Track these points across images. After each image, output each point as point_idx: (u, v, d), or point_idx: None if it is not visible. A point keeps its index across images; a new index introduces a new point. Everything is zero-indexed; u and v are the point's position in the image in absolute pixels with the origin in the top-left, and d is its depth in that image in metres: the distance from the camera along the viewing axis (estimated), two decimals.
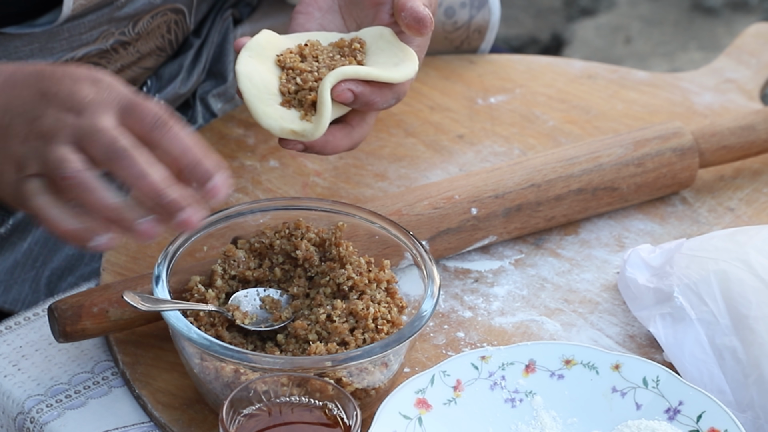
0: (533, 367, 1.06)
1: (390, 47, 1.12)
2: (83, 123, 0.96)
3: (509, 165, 1.23)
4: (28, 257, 1.26)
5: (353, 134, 1.12)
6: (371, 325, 1.05)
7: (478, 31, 1.42)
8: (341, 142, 1.12)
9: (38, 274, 1.26)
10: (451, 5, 1.41)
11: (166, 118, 0.97)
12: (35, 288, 1.25)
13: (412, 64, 1.11)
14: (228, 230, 1.11)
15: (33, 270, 1.26)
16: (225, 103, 1.36)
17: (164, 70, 1.30)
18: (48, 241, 1.27)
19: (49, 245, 1.27)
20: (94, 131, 0.96)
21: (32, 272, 1.26)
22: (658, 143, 1.26)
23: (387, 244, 1.12)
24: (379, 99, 1.10)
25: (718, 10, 3.02)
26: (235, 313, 1.05)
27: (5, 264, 1.25)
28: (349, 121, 1.12)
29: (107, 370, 1.11)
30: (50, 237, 1.27)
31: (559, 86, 1.41)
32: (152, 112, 0.96)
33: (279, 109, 1.09)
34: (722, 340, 1.07)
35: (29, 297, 1.25)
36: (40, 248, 1.26)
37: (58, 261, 1.26)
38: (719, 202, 1.28)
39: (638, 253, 1.16)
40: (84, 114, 0.96)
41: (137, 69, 1.26)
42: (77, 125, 0.96)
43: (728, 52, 1.47)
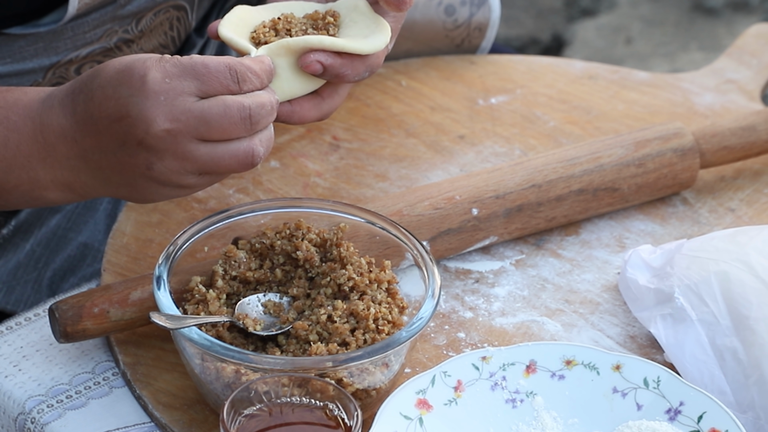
0: (534, 368, 1.06)
1: (363, 19, 1.11)
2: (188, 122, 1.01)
3: (510, 165, 1.23)
4: (30, 258, 1.26)
5: (322, 106, 1.12)
6: (372, 326, 1.05)
7: (478, 29, 1.42)
8: (309, 113, 1.11)
9: (40, 275, 1.26)
10: (452, 3, 1.41)
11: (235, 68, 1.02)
12: (37, 289, 1.25)
13: (382, 36, 1.10)
14: (229, 231, 1.11)
15: (35, 271, 1.26)
16: None
17: None
18: (50, 243, 1.27)
19: (51, 246, 1.27)
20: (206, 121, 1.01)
21: (34, 273, 1.26)
22: (658, 144, 1.26)
23: (388, 245, 1.12)
24: (350, 71, 1.09)
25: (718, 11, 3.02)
26: (245, 322, 1.05)
27: (8, 265, 1.26)
28: (320, 92, 1.11)
29: (108, 370, 1.11)
30: (52, 238, 1.27)
31: (560, 87, 1.41)
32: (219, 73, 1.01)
33: None
34: (723, 341, 1.07)
35: (31, 298, 1.25)
36: (42, 249, 1.26)
37: (60, 262, 1.26)
38: (720, 203, 1.28)
39: (639, 254, 1.16)
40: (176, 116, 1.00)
41: None
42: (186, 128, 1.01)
43: (729, 52, 1.47)
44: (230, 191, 1.26)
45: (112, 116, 1.01)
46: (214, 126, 1.01)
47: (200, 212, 1.23)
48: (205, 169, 1.03)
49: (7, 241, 1.26)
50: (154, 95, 1.00)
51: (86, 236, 1.27)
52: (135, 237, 1.20)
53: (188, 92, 1.01)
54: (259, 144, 1.03)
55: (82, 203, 1.28)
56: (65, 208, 1.27)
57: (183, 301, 1.07)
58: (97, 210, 1.28)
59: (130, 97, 1.00)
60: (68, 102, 1.04)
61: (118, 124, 1.01)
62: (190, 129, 1.01)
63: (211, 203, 1.24)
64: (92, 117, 1.02)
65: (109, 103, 1.01)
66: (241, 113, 1.02)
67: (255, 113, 1.02)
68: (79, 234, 1.27)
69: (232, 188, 1.26)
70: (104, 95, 1.01)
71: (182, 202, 1.24)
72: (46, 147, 1.05)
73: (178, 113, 1.00)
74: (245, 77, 1.02)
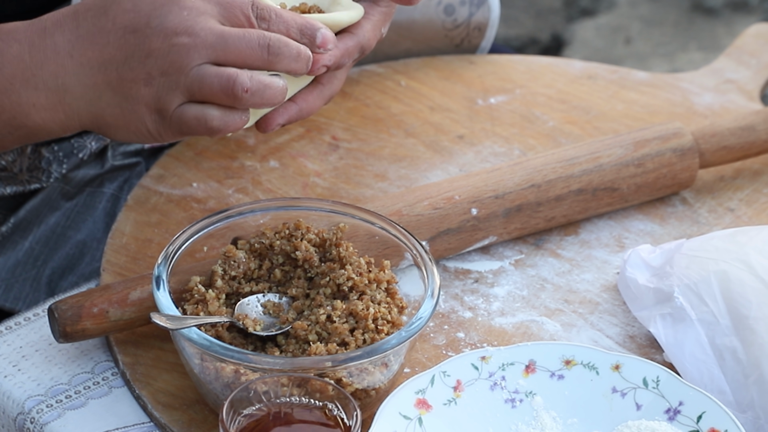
0: (533, 368, 1.06)
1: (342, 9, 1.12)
2: (207, 38, 1.00)
3: (509, 165, 1.23)
4: (30, 256, 1.26)
5: (324, 92, 1.12)
6: (371, 326, 1.05)
7: (478, 28, 1.42)
8: (315, 103, 1.12)
9: (39, 273, 1.26)
10: (451, 3, 1.41)
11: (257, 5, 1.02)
12: (36, 287, 1.25)
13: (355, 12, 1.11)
14: (228, 230, 1.11)
15: (34, 269, 1.26)
16: None
17: None
18: (49, 241, 1.27)
19: (50, 244, 1.27)
20: (224, 39, 1.00)
21: (33, 271, 1.26)
22: (658, 144, 1.26)
23: (387, 245, 1.12)
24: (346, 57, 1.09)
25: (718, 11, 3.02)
26: (245, 322, 1.05)
27: (6, 263, 1.26)
28: (320, 79, 1.12)
29: (107, 370, 1.11)
30: (51, 236, 1.27)
31: (559, 87, 1.41)
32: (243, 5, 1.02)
33: None
34: (722, 341, 1.07)
35: (30, 296, 1.25)
36: (41, 247, 1.26)
37: (59, 260, 1.26)
38: (719, 203, 1.28)
39: (638, 254, 1.16)
40: (196, 30, 1.00)
41: None
42: (203, 43, 1.00)
43: (728, 52, 1.47)
44: (229, 191, 1.26)
45: (128, 27, 1.02)
46: (231, 46, 1.01)
47: (199, 212, 1.23)
48: (191, 86, 1.02)
49: (6, 239, 1.26)
50: (178, 9, 1.01)
51: (85, 234, 1.27)
52: (134, 237, 1.20)
53: (211, 14, 1.01)
54: (249, 78, 1.02)
55: (81, 202, 1.28)
56: (64, 207, 1.27)
57: (182, 301, 1.07)
58: (97, 209, 1.28)
59: (152, 10, 1.01)
60: (69, 21, 1.04)
61: (133, 36, 1.01)
62: (206, 45, 1.01)
63: (211, 203, 1.24)
64: (102, 30, 1.02)
65: (127, 15, 1.02)
66: (260, 40, 1.02)
67: (274, 45, 1.02)
68: (78, 232, 1.27)
69: (231, 188, 1.26)
70: (121, 8, 1.02)
71: (182, 202, 1.25)
72: (32, 67, 1.04)
73: (198, 29, 1.01)
74: (266, 16, 1.03)
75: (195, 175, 1.27)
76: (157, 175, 1.27)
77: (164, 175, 1.27)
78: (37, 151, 1.25)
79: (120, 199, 1.28)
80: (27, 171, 1.25)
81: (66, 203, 1.27)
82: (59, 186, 1.27)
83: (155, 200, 1.24)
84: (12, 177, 1.25)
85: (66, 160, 1.26)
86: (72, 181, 1.27)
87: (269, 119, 1.10)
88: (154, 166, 1.28)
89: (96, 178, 1.28)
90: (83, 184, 1.28)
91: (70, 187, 1.27)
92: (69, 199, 1.27)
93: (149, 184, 1.26)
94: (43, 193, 1.27)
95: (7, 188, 1.25)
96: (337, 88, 1.13)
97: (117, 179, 1.29)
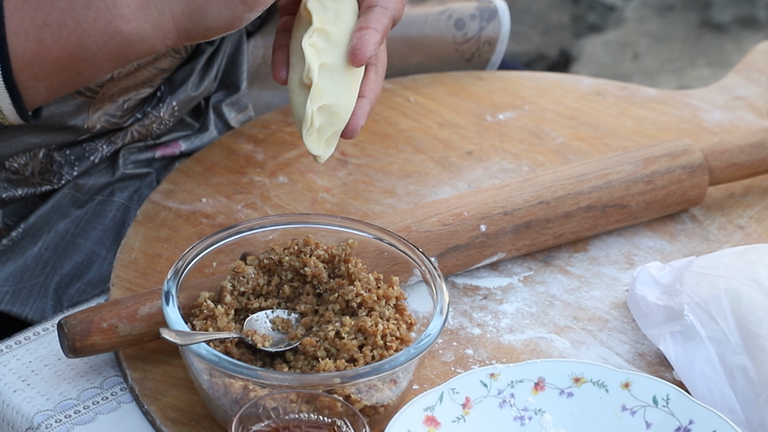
0: (542, 385, 1.06)
1: None
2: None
3: (518, 182, 1.23)
4: (38, 262, 1.26)
5: (379, 71, 1.16)
6: (380, 342, 1.05)
7: (488, 42, 1.43)
8: (378, 85, 1.15)
9: (47, 279, 1.26)
10: (461, 17, 1.42)
11: None
12: (43, 293, 1.26)
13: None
14: (237, 246, 1.11)
15: (42, 275, 1.26)
16: (238, 113, 1.36)
17: (176, 75, 1.31)
18: (58, 247, 1.27)
19: (59, 251, 1.27)
20: None
21: (41, 277, 1.26)
22: (667, 160, 1.26)
23: (396, 261, 1.12)
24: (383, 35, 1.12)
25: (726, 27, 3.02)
26: (254, 338, 1.05)
27: (15, 268, 1.26)
28: (369, 62, 1.13)
29: (116, 385, 1.11)
30: (60, 243, 1.27)
31: (568, 103, 1.41)
32: None
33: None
34: (733, 359, 1.07)
35: (37, 302, 1.25)
36: (50, 254, 1.27)
37: (68, 267, 1.27)
38: (729, 220, 1.28)
39: (648, 271, 1.16)
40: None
41: (152, 69, 1.27)
42: None
43: (738, 69, 1.47)
44: (238, 207, 1.26)
45: None
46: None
47: (209, 228, 1.23)
48: None
49: (16, 244, 1.26)
50: None
51: (94, 243, 1.27)
52: (144, 252, 1.20)
53: None
54: None
55: (91, 210, 1.28)
56: (74, 214, 1.28)
57: (191, 317, 1.07)
58: (106, 218, 1.28)
59: None
60: None
61: None
62: None
63: (220, 219, 1.24)
64: None
65: None
66: None
67: None
68: (86, 240, 1.28)
69: (240, 204, 1.26)
70: None
71: (191, 218, 1.25)
72: None
73: None
74: None
75: (204, 191, 1.27)
76: (166, 191, 1.27)
77: (173, 190, 1.27)
78: (49, 155, 1.25)
79: (130, 208, 1.29)
80: (38, 174, 1.26)
81: (76, 211, 1.28)
82: (70, 193, 1.28)
83: (164, 215, 1.24)
84: (23, 180, 1.26)
85: (77, 163, 1.27)
86: (82, 188, 1.28)
87: (352, 126, 1.12)
88: (164, 181, 1.28)
89: (107, 186, 1.29)
90: (94, 192, 1.28)
91: (81, 194, 1.28)
92: (79, 207, 1.28)
93: (158, 200, 1.26)
94: (54, 200, 1.27)
95: (18, 189, 1.26)
96: (386, 60, 1.16)
97: (127, 189, 1.29)
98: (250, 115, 1.37)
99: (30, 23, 1.05)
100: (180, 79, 1.31)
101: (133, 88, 1.26)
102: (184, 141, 1.33)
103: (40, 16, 1.05)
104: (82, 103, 1.23)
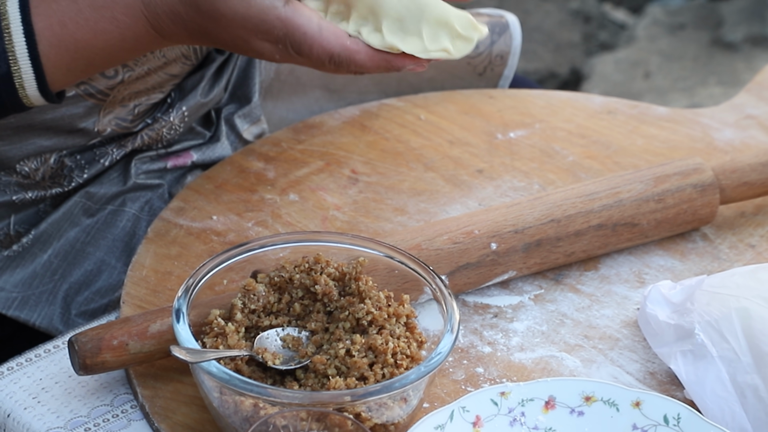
0: (553, 404, 1.06)
1: None
2: None
3: (529, 200, 1.23)
4: (47, 269, 1.27)
5: None
6: (390, 360, 1.05)
7: (500, 56, 1.44)
8: None
9: (56, 287, 1.27)
10: None
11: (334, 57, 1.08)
12: (52, 301, 1.26)
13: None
14: (248, 264, 1.11)
15: (51, 283, 1.27)
16: (251, 125, 1.37)
17: (186, 81, 1.32)
18: (67, 255, 1.27)
19: (68, 259, 1.27)
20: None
21: (50, 285, 1.27)
22: (678, 179, 1.26)
23: (406, 279, 1.12)
24: None
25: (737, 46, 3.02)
26: (265, 356, 1.05)
27: (24, 274, 1.26)
28: None
29: (126, 403, 1.11)
30: (70, 251, 1.28)
31: (579, 121, 1.41)
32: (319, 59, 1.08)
33: None
34: (744, 378, 1.06)
35: (45, 310, 1.26)
36: (59, 261, 1.27)
37: (77, 275, 1.27)
38: (740, 239, 1.28)
39: (659, 290, 1.16)
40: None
41: (163, 75, 1.27)
42: None
43: (749, 88, 1.46)
44: (249, 224, 1.26)
45: None
46: None
47: (219, 245, 1.23)
48: None
49: (26, 251, 1.27)
50: None
51: (104, 252, 1.28)
52: (154, 269, 1.20)
53: None
54: None
55: (101, 220, 1.28)
56: (85, 223, 1.28)
57: (202, 334, 1.07)
58: (117, 227, 1.29)
59: None
60: None
61: None
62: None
63: (231, 236, 1.25)
64: None
65: None
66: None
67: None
68: (97, 249, 1.28)
69: (251, 221, 1.27)
70: None
71: (201, 235, 1.25)
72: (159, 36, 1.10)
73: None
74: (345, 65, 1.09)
75: (215, 208, 1.28)
76: (177, 208, 1.27)
77: (184, 207, 1.28)
78: (59, 161, 1.26)
79: (141, 219, 1.29)
80: (49, 178, 1.26)
81: (87, 219, 1.28)
82: (81, 201, 1.28)
83: (175, 233, 1.25)
84: (34, 184, 1.26)
85: (88, 167, 1.28)
86: (94, 197, 1.28)
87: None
88: (175, 198, 1.28)
89: (118, 196, 1.29)
90: (105, 201, 1.29)
91: (92, 203, 1.28)
92: (90, 216, 1.28)
93: (169, 217, 1.26)
94: (65, 208, 1.28)
95: (29, 192, 1.26)
96: None
97: (139, 199, 1.30)
98: (264, 127, 1.38)
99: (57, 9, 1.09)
100: (190, 85, 1.31)
101: (143, 93, 1.27)
102: (195, 151, 1.33)
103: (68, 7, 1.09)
104: (92, 106, 1.24)
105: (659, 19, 3.13)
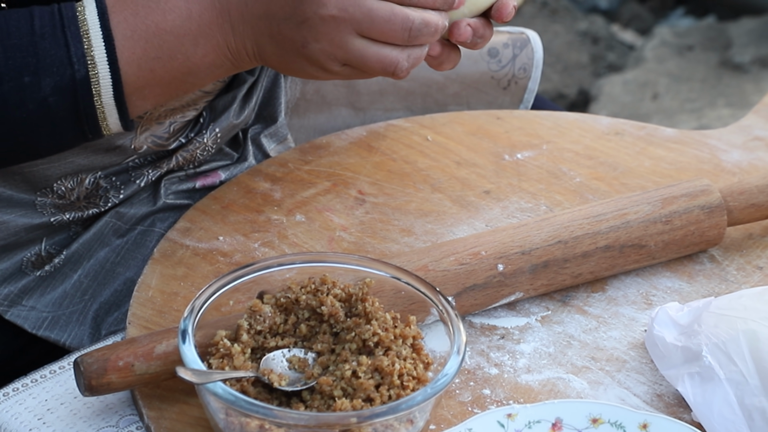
0: (560, 426, 1.05)
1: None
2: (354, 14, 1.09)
3: (536, 221, 1.23)
4: (78, 289, 1.27)
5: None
6: (397, 382, 1.04)
7: (523, 69, 1.46)
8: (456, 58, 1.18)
9: (86, 307, 1.27)
10: (494, 46, 1.45)
11: None
12: (82, 321, 1.26)
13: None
14: (254, 285, 1.11)
15: (81, 303, 1.27)
16: (278, 144, 1.38)
17: (218, 102, 1.33)
18: (98, 275, 1.28)
19: (98, 279, 1.28)
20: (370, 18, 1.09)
21: (80, 305, 1.27)
22: (686, 201, 1.25)
23: (413, 300, 1.12)
24: None
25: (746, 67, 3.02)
26: (271, 377, 1.05)
27: (55, 294, 1.27)
28: None
29: (132, 424, 1.10)
30: (100, 271, 1.28)
31: (586, 143, 1.41)
32: None
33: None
34: (751, 401, 1.06)
35: (75, 330, 1.26)
36: (89, 281, 1.28)
37: (107, 295, 1.27)
38: (748, 261, 1.27)
39: (666, 311, 1.16)
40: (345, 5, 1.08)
41: (197, 92, 1.28)
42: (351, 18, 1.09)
43: (757, 109, 1.46)
44: (255, 245, 1.26)
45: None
46: (376, 26, 1.09)
47: (225, 266, 1.23)
48: (351, 62, 1.11)
49: (57, 271, 1.27)
50: None
51: (134, 272, 1.28)
52: (160, 290, 1.20)
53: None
54: (406, 59, 1.11)
55: (131, 240, 1.29)
56: (115, 243, 1.29)
57: (207, 355, 1.07)
58: (147, 247, 1.29)
59: None
60: None
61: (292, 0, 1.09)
62: (354, 21, 1.09)
63: (237, 257, 1.25)
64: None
65: None
66: (404, 23, 1.10)
67: (416, 28, 1.10)
68: (127, 269, 1.28)
69: (257, 242, 1.27)
70: None
71: (208, 256, 1.25)
72: (222, 13, 1.11)
73: (347, 4, 1.08)
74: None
75: (221, 229, 1.28)
76: (183, 229, 1.27)
77: (191, 228, 1.28)
78: (95, 182, 1.26)
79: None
80: (84, 199, 1.27)
81: (117, 240, 1.29)
82: (111, 221, 1.29)
83: (181, 253, 1.25)
84: (69, 204, 1.27)
85: (123, 187, 1.28)
86: (124, 217, 1.29)
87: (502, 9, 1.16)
88: (181, 219, 1.29)
89: (148, 216, 1.30)
90: (135, 222, 1.29)
91: (122, 223, 1.29)
92: (120, 236, 1.29)
93: (175, 237, 1.26)
94: (95, 228, 1.28)
95: (66, 214, 1.27)
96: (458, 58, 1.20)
97: (168, 219, 1.30)
98: (290, 146, 1.39)
99: (142, 54, 1.11)
100: (222, 106, 1.32)
101: (178, 110, 1.27)
102: (223, 171, 1.34)
103: (151, 49, 1.11)
104: None
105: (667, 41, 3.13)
